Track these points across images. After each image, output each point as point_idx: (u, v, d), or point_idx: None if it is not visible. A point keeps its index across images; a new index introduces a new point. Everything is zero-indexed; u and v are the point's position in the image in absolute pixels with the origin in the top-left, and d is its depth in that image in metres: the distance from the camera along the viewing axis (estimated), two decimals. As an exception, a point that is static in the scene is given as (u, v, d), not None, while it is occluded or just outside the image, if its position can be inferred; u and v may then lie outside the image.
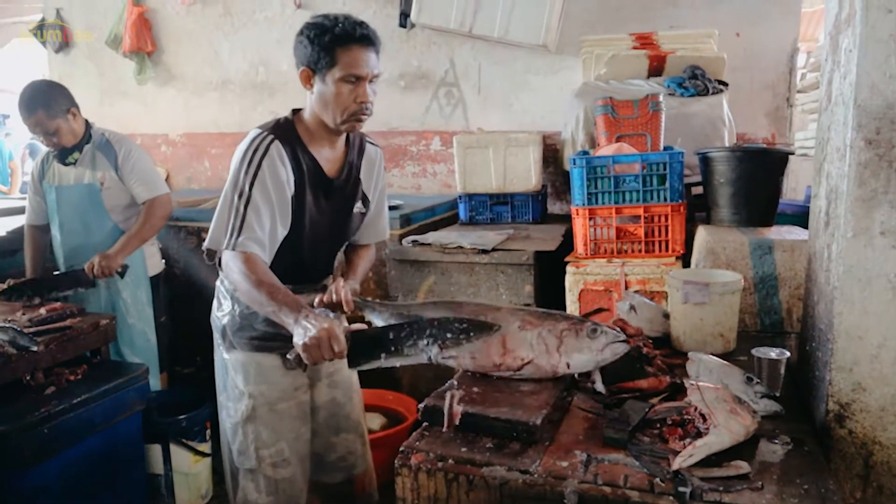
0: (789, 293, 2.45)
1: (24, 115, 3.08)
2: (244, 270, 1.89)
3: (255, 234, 1.93)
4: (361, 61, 1.96)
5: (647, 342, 2.00)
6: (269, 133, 2.01)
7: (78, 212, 3.28)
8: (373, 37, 1.99)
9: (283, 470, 2.20)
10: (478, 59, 4.74)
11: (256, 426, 2.17)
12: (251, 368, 2.17)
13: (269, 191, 1.97)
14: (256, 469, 2.19)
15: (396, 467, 1.47)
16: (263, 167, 1.96)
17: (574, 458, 1.43)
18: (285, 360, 1.97)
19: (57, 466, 2.47)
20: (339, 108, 1.99)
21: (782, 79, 4.26)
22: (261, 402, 2.16)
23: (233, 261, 1.92)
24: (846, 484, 1.61)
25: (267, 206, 1.96)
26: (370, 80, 2.00)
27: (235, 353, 2.19)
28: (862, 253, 1.52)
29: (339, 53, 1.93)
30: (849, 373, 1.57)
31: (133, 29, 5.42)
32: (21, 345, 2.46)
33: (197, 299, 3.82)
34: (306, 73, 2.01)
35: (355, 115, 2.01)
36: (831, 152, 1.68)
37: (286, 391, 2.19)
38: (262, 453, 2.18)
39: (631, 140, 3.30)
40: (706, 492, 1.29)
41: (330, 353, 1.69)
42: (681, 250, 3.03)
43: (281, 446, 2.19)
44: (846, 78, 1.55)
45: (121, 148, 3.26)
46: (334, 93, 1.97)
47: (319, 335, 1.67)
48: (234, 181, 1.99)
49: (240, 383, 2.18)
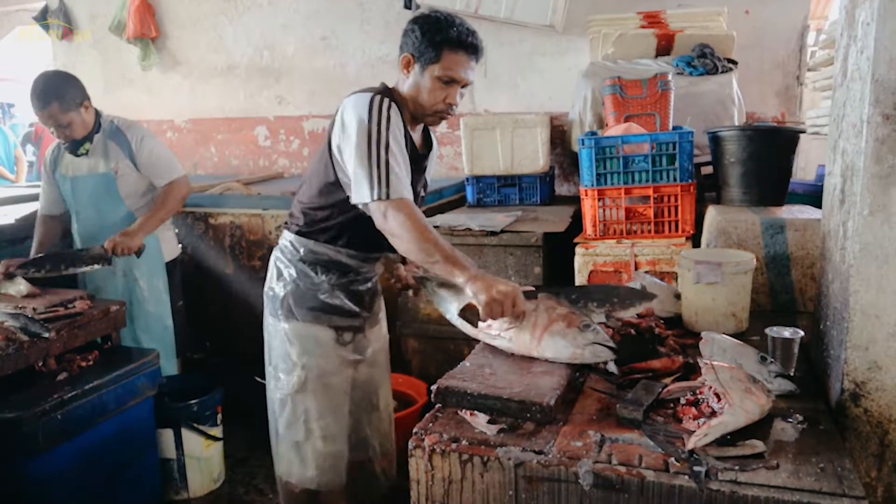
0: (801, 272, 2.43)
1: (37, 107, 3.05)
2: (406, 222, 1.89)
3: (401, 179, 1.95)
4: (462, 67, 2.03)
5: (659, 323, 1.99)
6: (385, 96, 2.03)
7: (93, 201, 3.27)
8: (480, 48, 2.07)
9: (330, 445, 2.25)
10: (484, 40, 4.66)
11: (307, 398, 2.22)
12: (307, 340, 2.21)
13: (400, 144, 2.00)
14: (304, 441, 2.24)
15: (410, 449, 1.47)
16: (392, 123, 1.98)
17: (588, 438, 1.43)
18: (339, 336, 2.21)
19: (70, 452, 2.49)
20: (429, 102, 2.06)
21: (792, 57, 4.22)
22: (314, 374, 2.21)
23: (393, 210, 1.92)
24: (861, 463, 1.60)
25: (403, 157, 1.99)
26: (463, 85, 2.07)
27: (294, 324, 2.21)
28: (879, 230, 1.50)
29: (446, 53, 2.00)
30: (864, 351, 1.56)
31: (136, 14, 5.40)
32: (33, 331, 2.47)
33: (206, 284, 3.84)
34: (407, 59, 2.06)
35: (440, 114, 2.10)
36: (847, 129, 1.65)
37: (337, 365, 2.24)
38: (311, 426, 2.23)
39: (640, 120, 3.27)
40: (721, 471, 1.28)
41: (511, 312, 1.73)
42: (691, 230, 3.01)
43: (329, 420, 2.24)
44: (863, 52, 1.52)
45: (133, 135, 3.25)
46: (429, 88, 2.04)
47: (507, 292, 1.72)
48: (366, 134, 1.95)
49: (294, 355, 2.21)
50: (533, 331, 1.75)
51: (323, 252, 2.20)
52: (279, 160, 5.50)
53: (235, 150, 5.62)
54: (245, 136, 5.56)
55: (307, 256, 2.21)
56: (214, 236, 3.85)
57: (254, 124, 5.51)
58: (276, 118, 5.44)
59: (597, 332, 1.71)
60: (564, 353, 1.70)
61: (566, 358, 1.71)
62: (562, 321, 1.73)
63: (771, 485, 1.24)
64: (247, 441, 3.50)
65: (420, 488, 1.47)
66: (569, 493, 1.34)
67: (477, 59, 2.08)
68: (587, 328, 1.71)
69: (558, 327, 1.72)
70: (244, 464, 3.43)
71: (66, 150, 3.26)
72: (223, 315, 3.84)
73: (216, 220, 3.85)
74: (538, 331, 1.74)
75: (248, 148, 5.57)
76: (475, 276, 1.78)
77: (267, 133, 5.50)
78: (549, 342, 1.72)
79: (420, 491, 1.47)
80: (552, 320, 1.74)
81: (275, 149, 5.50)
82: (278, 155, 5.50)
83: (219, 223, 3.84)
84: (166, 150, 3.35)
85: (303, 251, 2.21)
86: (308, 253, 2.20)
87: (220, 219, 3.84)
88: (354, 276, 2.26)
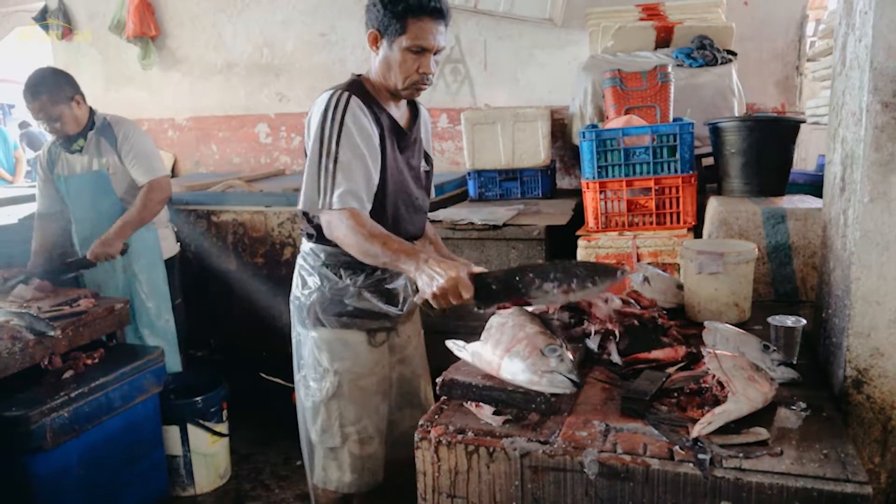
0: (803, 262, 2.44)
1: (28, 100, 3.09)
2: (351, 226, 1.89)
3: (350, 189, 1.93)
4: (430, 33, 1.97)
5: (662, 313, 2.00)
6: (344, 90, 2.01)
7: (90, 200, 3.28)
8: (445, 10, 2.00)
9: (367, 447, 2.21)
10: (483, 34, 4.71)
11: (341, 403, 2.17)
12: (337, 345, 2.17)
13: (357, 144, 1.96)
14: (340, 447, 2.20)
15: (416, 441, 1.48)
16: (347, 122, 1.95)
17: (593, 428, 1.44)
18: (371, 337, 2.16)
19: (77, 449, 2.51)
20: (402, 75, 2.01)
21: (791, 47, 4.22)
22: (346, 378, 2.17)
23: (335, 219, 1.93)
24: (864, 449, 1.61)
25: (358, 160, 1.95)
26: (435, 52, 2.01)
27: (323, 331, 2.17)
28: (879, 218, 1.51)
29: (411, 23, 1.95)
30: (866, 338, 1.57)
31: (136, 13, 5.39)
32: (38, 330, 2.48)
33: (210, 282, 3.85)
34: (374, 35, 2.02)
35: (416, 85, 2.04)
36: (846, 117, 1.66)
37: (370, 367, 2.20)
38: (347, 430, 2.18)
39: (640, 112, 3.27)
40: (726, 458, 1.29)
41: (458, 299, 1.69)
42: (692, 222, 3.01)
43: (365, 423, 2.20)
44: (861, 41, 1.53)
45: (119, 130, 3.24)
46: (399, 60, 1.99)
47: (447, 284, 1.68)
48: (318, 141, 1.96)
49: (324, 361, 2.17)
50: (494, 349, 1.62)
51: (344, 254, 2.08)
52: (280, 157, 5.51)
53: (237, 148, 5.62)
54: (246, 133, 5.57)
55: (329, 260, 2.15)
56: (217, 234, 3.86)
57: (255, 121, 5.51)
58: (276, 115, 5.44)
59: (560, 360, 1.53)
60: (521, 377, 1.54)
61: (523, 383, 1.54)
62: (525, 343, 1.59)
63: (775, 471, 1.25)
64: (251, 437, 3.52)
65: (427, 480, 1.48)
66: (574, 482, 1.35)
67: (445, 23, 2.01)
68: (552, 353, 1.54)
69: (519, 348, 1.58)
70: (249, 460, 3.44)
71: (60, 146, 3.26)
72: (226, 312, 3.86)
73: (219, 218, 3.86)
74: (499, 350, 1.61)
75: (250, 145, 5.58)
76: (420, 270, 1.75)
77: (268, 130, 5.51)
78: (507, 364, 1.57)
79: (426, 482, 1.48)
80: (517, 341, 1.60)
81: (276, 146, 5.51)
82: (279, 152, 5.51)
83: (221, 220, 3.85)
84: (149, 149, 3.31)
85: (324, 256, 2.15)
86: (329, 257, 2.14)
87: (223, 216, 3.85)
88: (383, 274, 2.18)
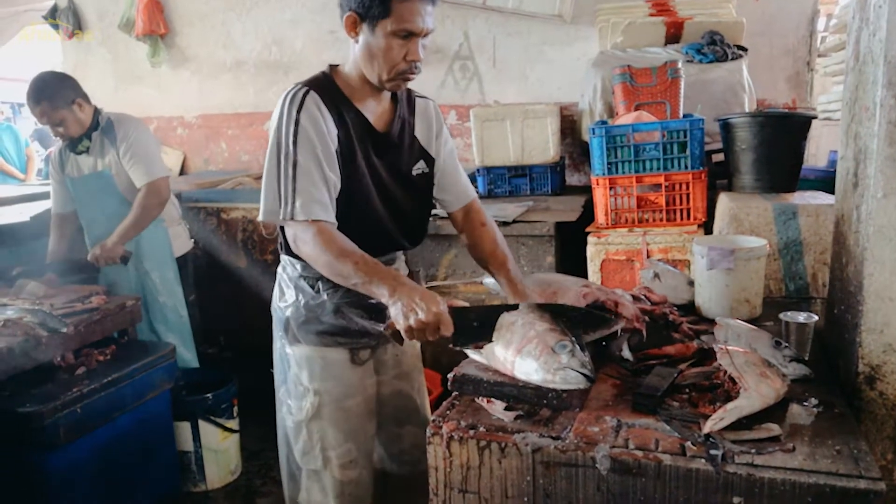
0: (814, 258, 2.43)
1: (30, 105, 3.13)
2: (319, 242, 1.71)
3: (313, 196, 1.74)
4: (418, 15, 1.73)
5: (673, 309, 2.00)
6: (303, 86, 1.81)
7: (96, 201, 3.28)
8: None
9: (351, 471, 2.03)
10: (492, 31, 4.70)
11: (322, 425, 1.99)
12: (316, 364, 1.98)
13: (314, 146, 1.76)
14: (322, 470, 2.02)
15: (428, 437, 1.48)
16: (302, 121, 1.75)
17: (605, 423, 1.44)
18: (353, 355, 1.97)
19: (90, 445, 2.53)
20: (387, 64, 1.78)
21: (802, 42, 4.19)
22: (327, 399, 1.98)
23: (302, 233, 1.75)
24: (877, 446, 1.61)
25: (316, 163, 1.76)
26: (423, 35, 1.78)
27: (300, 348, 1.99)
28: (893, 213, 1.50)
29: (395, 3, 1.71)
30: (879, 334, 1.56)
31: (145, 12, 5.41)
32: (51, 327, 2.50)
33: (219, 279, 3.87)
34: (352, 19, 1.78)
35: (403, 75, 1.81)
36: (859, 112, 1.65)
37: (354, 387, 2.02)
38: (328, 454, 2.01)
39: (650, 108, 3.27)
40: (738, 454, 1.29)
41: (436, 336, 1.58)
42: (702, 218, 3.01)
43: (349, 446, 2.02)
44: (875, 35, 1.52)
45: (120, 128, 3.20)
46: (383, 47, 1.76)
47: (428, 319, 1.55)
48: (275, 143, 1.78)
49: (304, 380, 1.99)
50: (506, 349, 1.59)
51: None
52: (289, 155, 5.51)
53: (246, 146, 5.64)
54: (255, 131, 5.58)
55: (306, 272, 1.95)
56: (227, 231, 3.88)
57: (263, 119, 5.51)
58: (285, 113, 5.44)
59: (572, 355, 1.50)
60: (535, 377, 1.53)
61: (537, 382, 1.53)
62: (536, 342, 1.55)
63: (787, 467, 1.24)
64: (261, 434, 3.52)
65: (438, 475, 1.48)
66: (586, 477, 1.35)
67: (433, 2, 1.77)
68: (563, 349, 1.51)
69: (531, 348, 1.55)
70: (259, 456, 3.46)
71: (67, 148, 3.28)
72: (236, 310, 3.87)
73: (228, 215, 3.87)
74: (511, 350, 1.57)
75: (259, 143, 5.58)
76: (397, 297, 1.60)
77: (276, 128, 5.50)
78: (521, 364, 1.55)
79: (438, 478, 1.48)
80: (527, 340, 1.57)
81: (285, 143, 5.50)
82: (288, 149, 5.50)
83: (231, 218, 3.86)
84: (148, 149, 3.25)
85: (300, 268, 1.96)
86: (306, 269, 1.94)
87: (233, 213, 3.86)
88: None
